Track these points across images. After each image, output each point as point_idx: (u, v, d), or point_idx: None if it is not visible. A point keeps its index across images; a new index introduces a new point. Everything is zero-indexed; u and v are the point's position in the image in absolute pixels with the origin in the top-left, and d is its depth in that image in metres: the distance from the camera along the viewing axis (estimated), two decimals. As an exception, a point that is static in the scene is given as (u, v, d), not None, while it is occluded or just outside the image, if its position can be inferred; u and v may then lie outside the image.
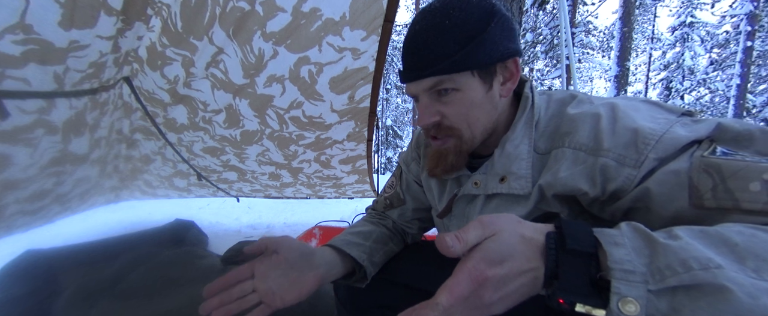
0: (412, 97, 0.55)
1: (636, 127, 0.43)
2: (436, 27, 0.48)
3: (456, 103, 0.51)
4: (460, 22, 0.47)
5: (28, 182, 1.20)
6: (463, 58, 0.47)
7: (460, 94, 0.50)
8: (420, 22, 0.49)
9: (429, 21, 0.48)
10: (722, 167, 0.37)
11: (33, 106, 0.95)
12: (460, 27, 0.47)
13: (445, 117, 0.52)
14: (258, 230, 2.44)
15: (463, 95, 0.50)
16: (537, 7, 8.34)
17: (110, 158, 1.69)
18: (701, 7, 11.78)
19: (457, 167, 0.58)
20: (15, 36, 0.76)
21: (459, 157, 0.56)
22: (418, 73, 0.50)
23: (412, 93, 0.53)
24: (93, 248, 1.64)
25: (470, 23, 0.47)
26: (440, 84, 0.50)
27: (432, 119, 0.52)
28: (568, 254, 0.34)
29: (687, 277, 0.29)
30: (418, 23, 0.50)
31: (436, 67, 0.48)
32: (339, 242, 0.64)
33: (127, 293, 1.24)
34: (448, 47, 0.47)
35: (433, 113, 0.52)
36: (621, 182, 0.43)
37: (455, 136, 0.53)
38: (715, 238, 0.32)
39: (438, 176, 0.60)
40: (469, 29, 0.47)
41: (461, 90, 0.50)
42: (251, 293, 0.50)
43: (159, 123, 1.63)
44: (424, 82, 0.50)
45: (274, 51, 1.20)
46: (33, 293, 1.29)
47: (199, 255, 1.59)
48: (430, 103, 0.52)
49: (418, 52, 0.49)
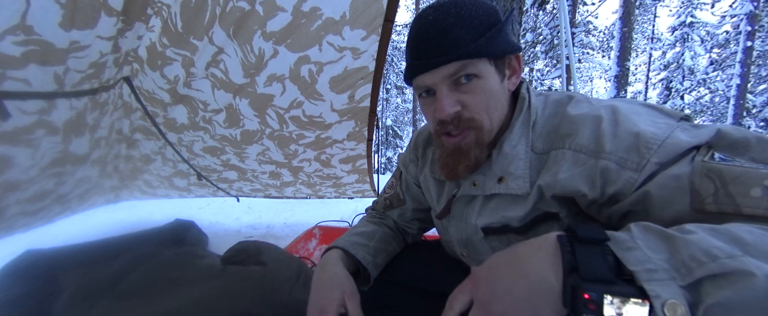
0: (424, 92, 0.52)
1: (638, 131, 0.43)
2: (454, 15, 0.47)
3: (477, 91, 0.49)
4: (476, 13, 0.48)
5: (29, 182, 1.20)
6: (484, 43, 0.47)
7: (481, 82, 0.49)
8: (433, 14, 0.48)
9: (443, 12, 0.48)
10: (724, 173, 0.38)
11: (33, 107, 0.95)
12: (477, 17, 0.47)
13: (466, 107, 0.50)
14: (258, 230, 2.44)
15: (483, 83, 0.49)
16: (537, 7, 8.34)
17: (110, 158, 1.69)
18: (701, 7, 11.77)
19: (481, 162, 0.55)
20: (16, 37, 0.76)
21: (482, 151, 0.54)
22: (439, 60, 0.47)
23: (428, 84, 0.50)
24: (93, 248, 1.64)
25: (486, 14, 0.48)
26: (463, 69, 0.48)
27: (454, 109, 0.49)
28: (583, 243, 0.34)
29: (715, 266, 0.29)
30: (430, 15, 0.49)
31: (459, 52, 0.46)
32: (345, 243, 0.65)
33: (127, 293, 1.24)
34: (470, 32, 0.47)
35: (453, 103, 0.49)
36: (621, 184, 0.43)
37: (476, 127, 0.51)
38: (726, 236, 0.32)
39: (462, 175, 0.56)
40: (486, 18, 0.48)
41: (481, 77, 0.49)
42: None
43: (159, 123, 1.63)
44: (445, 69, 0.48)
45: (274, 50, 1.20)
46: (33, 293, 1.29)
47: (199, 255, 1.59)
48: (449, 93, 0.49)
49: (437, 38, 0.47)
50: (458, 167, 0.54)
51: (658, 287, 0.30)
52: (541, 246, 0.37)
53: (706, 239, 0.31)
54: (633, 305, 0.30)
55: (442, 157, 0.56)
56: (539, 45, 9.48)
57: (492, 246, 0.59)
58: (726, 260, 0.29)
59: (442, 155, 0.57)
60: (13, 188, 1.17)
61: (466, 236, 0.62)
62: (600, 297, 0.31)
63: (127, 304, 1.19)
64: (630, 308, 0.30)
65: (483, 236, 0.59)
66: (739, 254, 0.29)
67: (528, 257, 0.37)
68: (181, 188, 2.40)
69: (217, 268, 1.43)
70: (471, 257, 0.65)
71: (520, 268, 0.37)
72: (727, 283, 0.29)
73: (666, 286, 0.30)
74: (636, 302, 0.30)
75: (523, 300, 0.35)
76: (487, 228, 0.57)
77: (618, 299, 0.31)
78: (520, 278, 0.36)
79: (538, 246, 0.38)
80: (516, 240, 0.56)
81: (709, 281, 0.30)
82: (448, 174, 0.56)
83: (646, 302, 0.30)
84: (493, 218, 0.56)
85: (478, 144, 0.53)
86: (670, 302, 0.29)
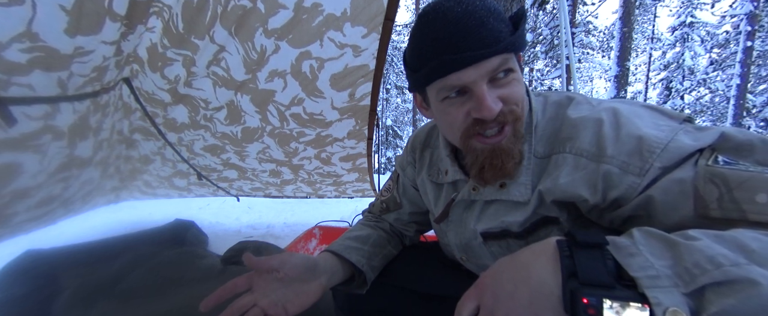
0: (455, 92, 0.47)
1: (640, 135, 0.42)
2: (483, 9, 0.44)
3: (514, 84, 0.47)
4: (499, 7, 0.46)
5: (37, 188, 1.20)
6: (517, 38, 0.45)
7: (516, 76, 0.47)
8: (459, 6, 0.43)
9: (468, 5, 0.43)
10: (728, 177, 0.37)
11: (38, 112, 0.95)
12: (502, 11, 0.46)
13: (507, 100, 0.46)
14: (258, 230, 2.43)
15: (518, 77, 0.47)
16: (537, 7, 8.34)
17: (112, 159, 1.69)
18: (701, 7, 11.78)
19: (523, 156, 0.51)
20: (21, 44, 0.76)
21: (521, 143, 0.50)
22: (485, 52, 0.43)
23: (466, 82, 0.44)
24: (93, 248, 1.64)
25: (504, 9, 0.47)
26: (505, 63, 0.45)
27: (499, 106, 0.45)
28: (581, 247, 0.34)
29: (718, 274, 0.29)
30: (457, 7, 0.44)
31: (503, 44, 0.43)
32: (338, 247, 0.64)
33: (127, 293, 1.24)
34: (507, 25, 0.45)
35: (496, 100, 0.45)
36: (623, 189, 0.43)
37: (514, 119, 0.47)
38: (731, 243, 0.31)
39: (509, 175, 0.50)
40: (507, 15, 0.46)
41: (515, 71, 0.47)
42: (252, 307, 0.49)
43: (159, 123, 1.63)
44: (488, 63, 0.43)
45: (275, 46, 1.20)
46: (33, 293, 1.29)
47: (199, 255, 1.59)
48: (491, 90, 0.45)
49: (477, 30, 0.43)
50: (506, 166, 0.49)
51: (661, 294, 0.29)
52: (542, 251, 0.37)
53: (711, 245, 0.31)
54: (633, 309, 0.30)
55: (478, 161, 0.50)
56: (539, 45, 9.48)
57: (491, 251, 0.58)
58: (730, 268, 0.29)
59: (476, 161, 0.50)
60: (22, 196, 1.17)
61: (465, 240, 0.61)
62: (599, 302, 0.30)
63: (127, 304, 1.19)
64: (630, 313, 0.30)
65: (482, 240, 0.58)
66: (744, 261, 0.29)
67: (529, 263, 0.37)
68: (181, 187, 2.40)
69: (217, 268, 1.43)
70: (470, 261, 0.65)
71: (521, 273, 0.37)
72: (731, 291, 0.28)
73: (668, 293, 0.29)
74: (636, 306, 0.30)
75: (525, 306, 0.35)
76: (486, 233, 0.57)
77: (617, 303, 0.30)
78: (521, 283, 0.36)
79: (539, 251, 0.38)
80: (515, 245, 0.55)
81: (712, 288, 0.29)
82: (492, 176, 0.50)
83: (646, 307, 0.29)
84: (492, 224, 0.55)
85: (517, 137, 0.49)
86: (671, 310, 0.28)
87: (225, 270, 1.40)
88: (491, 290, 0.39)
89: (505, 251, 0.57)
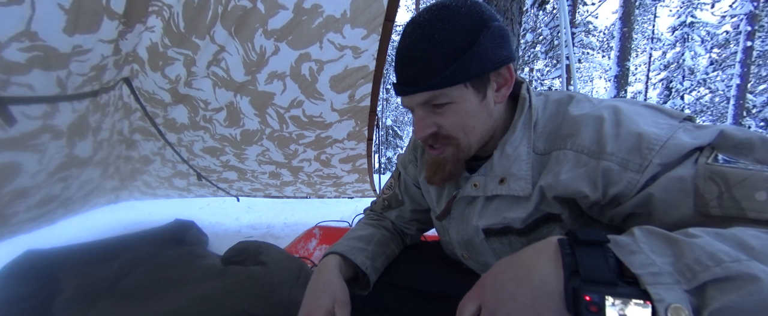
0: (407, 109, 0.56)
1: (640, 132, 0.43)
2: (425, 40, 0.46)
3: (451, 114, 0.50)
4: (449, 35, 0.45)
5: (36, 188, 1.20)
6: (454, 72, 0.46)
7: (455, 106, 0.49)
8: (410, 36, 0.48)
9: (419, 35, 0.47)
10: (728, 175, 0.37)
11: (37, 112, 0.95)
12: (450, 40, 0.45)
13: (442, 127, 0.52)
14: (258, 230, 2.44)
15: (457, 107, 0.49)
16: (537, 7, 8.34)
17: (112, 160, 1.69)
18: (701, 7, 11.78)
19: (455, 175, 0.58)
20: (21, 44, 0.76)
21: (456, 165, 0.56)
22: (411, 88, 0.49)
23: (406, 106, 0.53)
24: (93, 248, 1.64)
25: (460, 36, 0.45)
26: (433, 99, 0.49)
27: (428, 131, 0.52)
28: (583, 245, 0.35)
29: (720, 270, 0.29)
30: (408, 37, 0.48)
31: (428, 83, 0.47)
32: (344, 249, 0.64)
33: (127, 293, 1.24)
34: (439, 62, 0.46)
35: (428, 125, 0.52)
36: (623, 186, 0.43)
37: (452, 144, 0.53)
38: (731, 240, 0.32)
39: (437, 184, 0.60)
40: (459, 42, 0.45)
41: (455, 102, 0.49)
42: None
43: (159, 123, 1.63)
44: (417, 96, 0.50)
45: (275, 47, 1.20)
46: (33, 293, 1.28)
47: (199, 255, 1.58)
48: (425, 115, 0.51)
49: (409, 68, 0.48)
50: (435, 177, 0.59)
51: (663, 290, 0.30)
52: (543, 250, 0.38)
53: (712, 242, 0.31)
54: (635, 306, 0.30)
55: (428, 163, 0.60)
56: (539, 45, 9.48)
57: (493, 248, 0.59)
58: (731, 264, 0.29)
59: (427, 162, 0.61)
60: (22, 195, 1.17)
61: (467, 237, 0.61)
62: (601, 299, 0.31)
63: (127, 304, 1.19)
64: (632, 310, 0.30)
65: (484, 237, 0.58)
66: (745, 258, 0.29)
67: (530, 262, 0.37)
68: (181, 188, 2.40)
69: (217, 268, 1.43)
70: (471, 259, 0.65)
71: (523, 273, 0.37)
72: (733, 287, 0.29)
73: (670, 290, 0.30)
74: (638, 303, 0.30)
75: (527, 305, 0.35)
76: (488, 229, 0.57)
77: (620, 300, 0.30)
78: (523, 282, 0.36)
79: (540, 250, 0.38)
80: (517, 241, 0.56)
81: (713, 285, 0.29)
82: (427, 179, 0.61)
83: (648, 304, 0.30)
84: (494, 220, 0.56)
85: (455, 160, 0.55)
86: (673, 306, 0.29)
87: (225, 270, 1.40)
88: (492, 290, 0.39)
89: (506, 247, 0.57)
